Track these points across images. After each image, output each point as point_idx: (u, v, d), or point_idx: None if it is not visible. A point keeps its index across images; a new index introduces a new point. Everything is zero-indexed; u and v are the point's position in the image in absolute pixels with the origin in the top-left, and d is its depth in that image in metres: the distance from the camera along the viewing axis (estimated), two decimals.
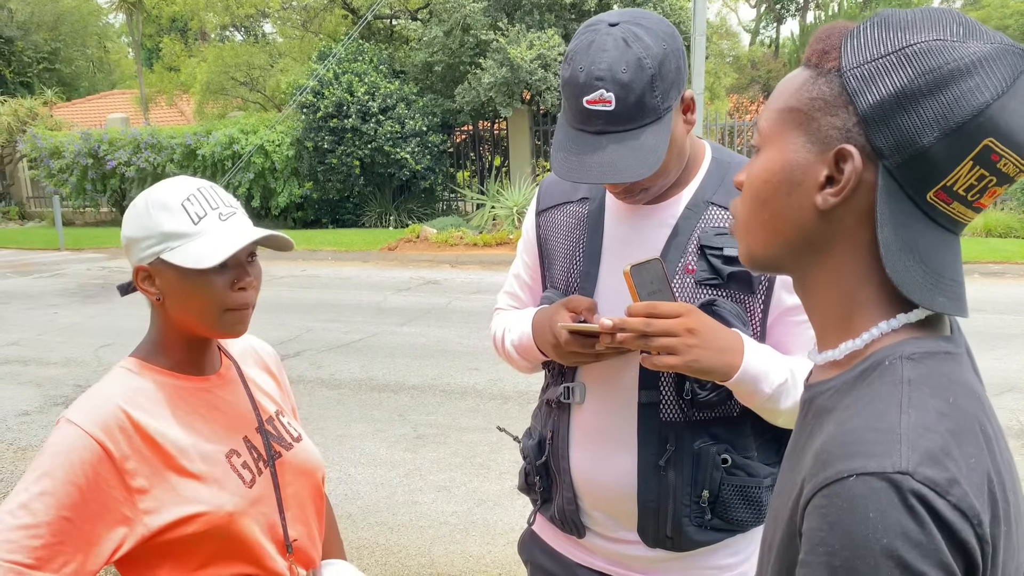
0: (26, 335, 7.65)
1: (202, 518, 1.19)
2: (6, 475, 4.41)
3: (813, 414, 0.76)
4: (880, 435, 0.64)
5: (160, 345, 1.28)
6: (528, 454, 1.51)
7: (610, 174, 1.21)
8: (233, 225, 1.22)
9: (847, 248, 0.73)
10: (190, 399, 1.27)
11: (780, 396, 1.24)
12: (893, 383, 0.68)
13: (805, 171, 0.73)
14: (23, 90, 23.67)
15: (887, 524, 0.60)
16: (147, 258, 1.21)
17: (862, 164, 0.69)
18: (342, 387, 5.72)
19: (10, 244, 15.44)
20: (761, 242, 0.79)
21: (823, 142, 0.72)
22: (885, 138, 0.68)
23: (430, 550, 3.48)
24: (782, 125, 0.75)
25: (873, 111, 0.68)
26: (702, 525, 1.33)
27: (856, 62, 0.70)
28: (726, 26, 28.63)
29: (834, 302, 0.76)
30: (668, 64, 1.21)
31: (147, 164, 16.38)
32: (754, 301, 1.31)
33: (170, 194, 1.21)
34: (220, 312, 1.22)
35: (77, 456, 1.11)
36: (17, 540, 1.06)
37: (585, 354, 1.30)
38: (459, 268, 11.21)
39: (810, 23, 18.01)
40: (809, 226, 0.74)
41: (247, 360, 1.44)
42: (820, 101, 0.72)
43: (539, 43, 13.36)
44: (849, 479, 0.63)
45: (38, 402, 5.63)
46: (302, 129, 14.95)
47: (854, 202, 0.71)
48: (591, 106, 1.21)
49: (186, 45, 23.64)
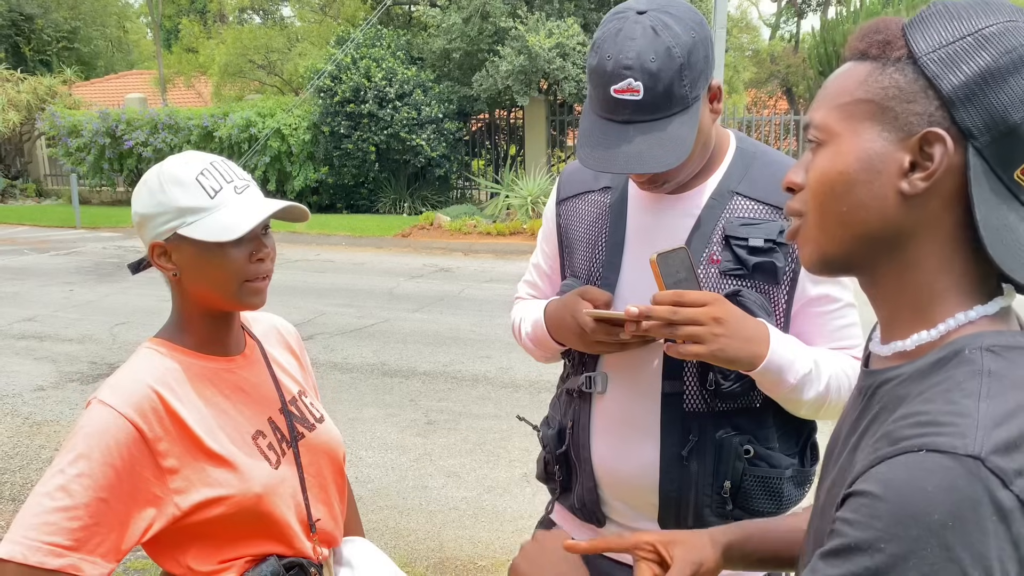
0: (42, 311, 7.72)
1: (230, 500, 1.20)
2: (21, 449, 4.46)
3: (880, 401, 0.76)
4: (956, 418, 0.64)
5: (183, 325, 1.28)
6: (548, 443, 1.50)
7: (637, 164, 1.20)
8: (249, 198, 1.22)
9: (931, 235, 0.73)
10: (217, 380, 1.27)
11: (804, 386, 1.24)
12: (973, 373, 0.68)
13: (885, 159, 0.73)
14: (43, 68, 23.77)
15: (943, 502, 0.59)
16: (163, 234, 1.20)
17: (953, 146, 0.70)
18: (354, 371, 5.74)
19: (27, 221, 15.55)
20: (838, 238, 0.77)
21: (902, 129, 0.72)
22: (974, 118, 0.69)
23: (439, 534, 3.50)
24: (850, 119, 0.75)
25: (958, 91, 0.69)
26: (723, 516, 1.33)
27: (930, 47, 0.71)
28: (746, 20, 28.41)
29: (908, 293, 0.76)
30: (697, 53, 1.20)
31: (164, 145, 16.44)
32: (778, 292, 1.31)
33: (183, 169, 1.20)
34: (240, 283, 1.22)
35: (112, 437, 1.12)
36: (56, 522, 1.07)
37: (610, 343, 1.29)
38: (472, 256, 11.21)
39: (831, 18, 17.82)
40: (892, 214, 0.73)
41: (270, 340, 1.45)
42: (894, 89, 0.72)
43: (558, 32, 13.30)
44: (918, 452, 0.62)
45: (53, 378, 5.68)
46: (319, 113, 14.96)
47: (941, 186, 0.71)
48: (619, 95, 1.19)
49: (205, 27, 23.70)
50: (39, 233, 14.09)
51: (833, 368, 1.28)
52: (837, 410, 1.32)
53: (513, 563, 1.11)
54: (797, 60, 20.97)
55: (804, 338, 1.32)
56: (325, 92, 14.72)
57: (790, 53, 22.33)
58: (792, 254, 1.29)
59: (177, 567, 1.22)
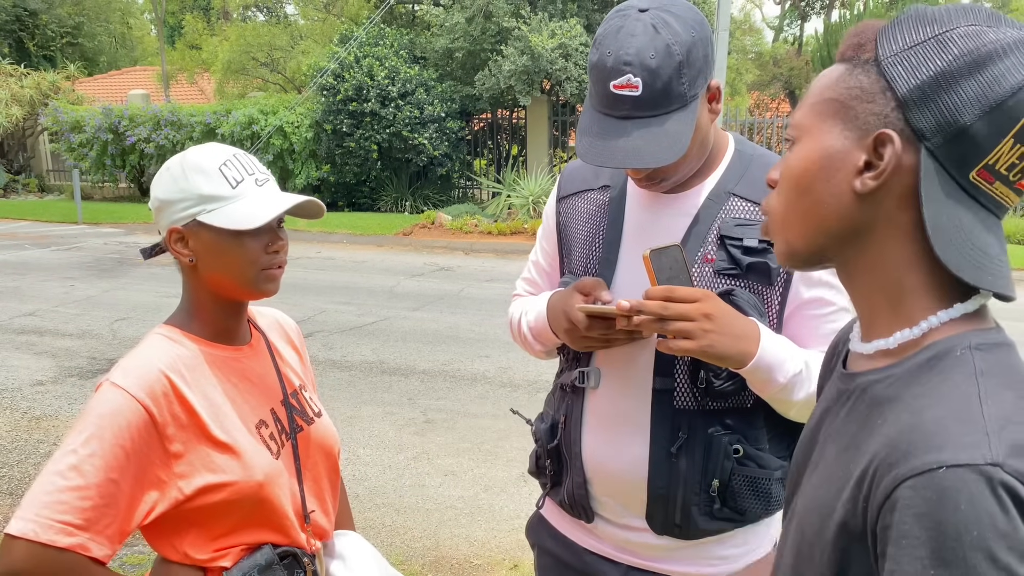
0: (42, 306, 7.73)
1: (232, 486, 1.22)
2: (20, 443, 4.46)
3: (868, 403, 0.76)
4: (966, 426, 0.65)
5: (194, 312, 1.30)
6: (540, 437, 1.51)
7: (634, 159, 1.22)
8: (268, 190, 1.25)
9: (889, 232, 0.75)
10: (224, 368, 1.29)
11: (794, 387, 1.24)
12: (967, 374, 0.69)
13: (843, 157, 0.75)
14: (46, 63, 23.79)
15: (978, 516, 0.61)
16: (182, 220, 1.23)
17: (902, 147, 0.71)
18: (353, 369, 5.75)
19: (29, 216, 15.55)
20: (800, 233, 0.80)
21: (861, 129, 0.74)
22: (926, 119, 0.70)
23: (436, 533, 3.50)
24: (818, 116, 0.77)
25: (913, 93, 0.70)
26: (711, 514, 1.34)
27: (893, 50, 0.72)
28: (750, 22, 28.39)
29: (881, 289, 0.77)
30: (696, 51, 1.21)
31: (167, 141, 16.44)
32: (772, 293, 1.31)
33: (207, 158, 1.24)
34: (256, 272, 1.25)
35: (124, 419, 1.14)
36: (68, 501, 1.09)
37: (597, 339, 1.30)
38: (473, 256, 11.22)
39: (835, 21, 17.82)
40: (848, 212, 0.75)
41: (273, 333, 1.47)
42: (857, 90, 0.74)
43: (561, 32, 13.30)
44: (939, 470, 0.63)
45: (53, 372, 5.69)
46: (321, 111, 14.96)
47: (894, 185, 0.73)
48: (618, 91, 1.21)
49: (208, 24, 23.69)
50: (40, 228, 14.10)
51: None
52: None
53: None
54: (800, 63, 20.96)
55: (797, 341, 1.33)
56: (328, 90, 14.72)
57: (793, 56, 22.33)
58: None
59: (174, 553, 1.23)
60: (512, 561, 3.26)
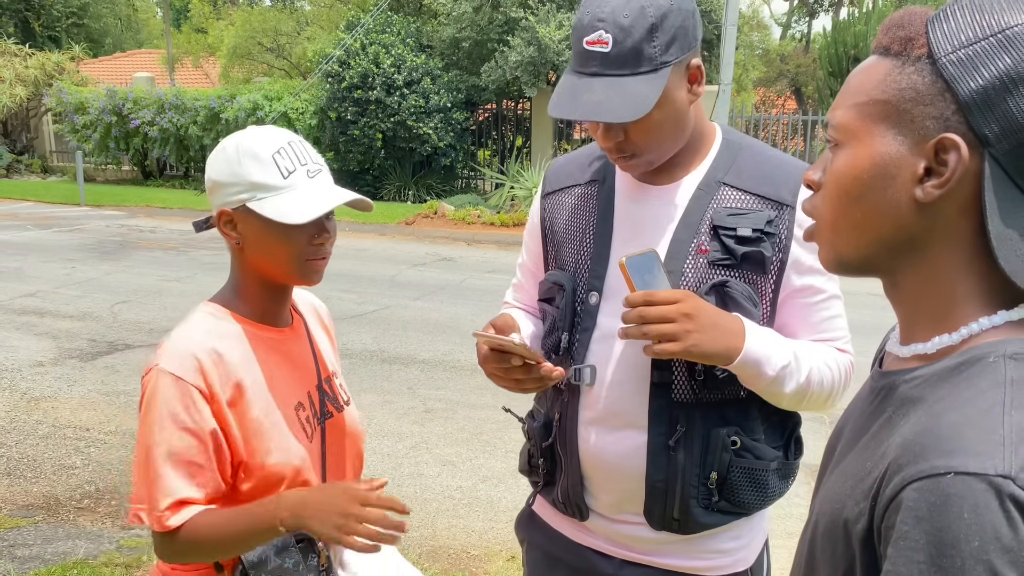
0: (43, 287, 7.73)
1: (269, 466, 1.25)
2: (19, 423, 4.47)
3: (895, 402, 0.74)
4: (982, 434, 0.62)
5: (240, 292, 1.32)
6: (533, 435, 1.50)
7: (594, 113, 1.23)
8: (320, 183, 1.26)
9: (948, 242, 0.71)
10: (267, 349, 1.31)
11: (783, 379, 1.25)
12: (996, 382, 0.66)
13: (899, 164, 0.70)
14: (51, 44, 23.71)
15: (981, 527, 0.59)
16: (232, 204, 1.24)
17: (968, 153, 0.67)
18: (353, 357, 5.74)
19: (31, 197, 15.55)
20: (853, 242, 0.76)
21: (917, 133, 0.69)
22: (991, 125, 0.66)
23: (433, 523, 3.50)
24: (867, 119, 0.73)
25: (976, 97, 0.66)
26: (709, 507, 1.34)
27: (950, 47, 0.68)
28: (758, 18, 28.27)
29: (929, 297, 0.74)
30: (672, 19, 1.23)
31: (170, 125, 16.43)
32: (765, 282, 1.32)
33: (261, 144, 1.24)
34: (301, 262, 1.26)
35: (190, 398, 1.19)
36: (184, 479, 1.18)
37: (501, 377, 1.32)
38: (475, 246, 11.21)
39: (843, 19, 17.72)
40: (907, 221, 0.71)
41: (311, 317, 1.49)
42: (911, 91, 0.69)
43: (568, 23, 13.26)
44: (946, 476, 0.61)
45: (53, 354, 5.69)
46: (326, 98, 14.93)
47: (956, 193, 0.69)
48: (589, 47, 1.24)
49: (215, 7, 23.62)
50: (43, 209, 14.09)
51: (815, 360, 1.29)
52: (820, 402, 1.33)
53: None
54: (807, 60, 20.91)
55: (788, 329, 1.33)
56: (333, 77, 14.68)
57: (800, 53, 22.28)
58: (780, 244, 1.30)
59: None
60: (509, 552, 3.26)
